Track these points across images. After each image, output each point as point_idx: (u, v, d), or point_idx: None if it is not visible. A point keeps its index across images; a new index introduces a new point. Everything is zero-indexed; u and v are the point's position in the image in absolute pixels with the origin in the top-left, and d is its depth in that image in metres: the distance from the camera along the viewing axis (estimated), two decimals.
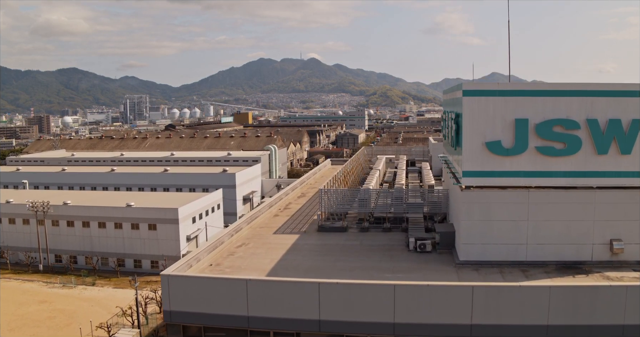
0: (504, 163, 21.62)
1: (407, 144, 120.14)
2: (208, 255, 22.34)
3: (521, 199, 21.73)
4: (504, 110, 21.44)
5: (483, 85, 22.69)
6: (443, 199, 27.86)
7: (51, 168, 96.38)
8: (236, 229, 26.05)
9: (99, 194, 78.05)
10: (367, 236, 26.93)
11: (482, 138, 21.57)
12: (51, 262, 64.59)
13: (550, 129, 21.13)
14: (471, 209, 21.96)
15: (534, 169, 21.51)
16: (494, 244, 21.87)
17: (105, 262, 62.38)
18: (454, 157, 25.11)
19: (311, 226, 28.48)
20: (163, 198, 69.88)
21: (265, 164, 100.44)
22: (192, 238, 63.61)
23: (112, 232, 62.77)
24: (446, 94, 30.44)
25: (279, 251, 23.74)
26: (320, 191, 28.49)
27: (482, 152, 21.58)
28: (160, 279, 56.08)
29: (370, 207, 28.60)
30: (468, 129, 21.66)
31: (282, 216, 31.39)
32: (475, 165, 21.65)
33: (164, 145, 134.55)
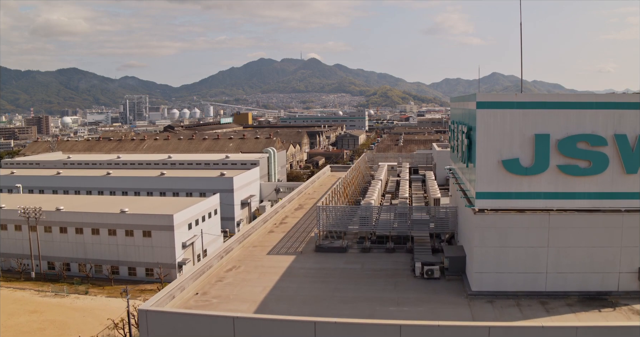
0: (522, 183, 19.59)
1: (408, 146, 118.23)
2: (194, 282, 20.29)
3: (541, 223, 19.65)
4: (522, 124, 19.39)
5: (499, 96, 20.57)
6: (451, 217, 25.75)
7: (46, 171, 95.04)
8: (226, 249, 24.03)
9: (94, 198, 76.69)
10: (369, 258, 24.82)
11: (498, 156, 19.52)
12: (44, 269, 63.50)
13: (574, 145, 19.10)
14: (485, 234, 19.89)
15: (555, 190, 19.48)
16: (510, 273, 19.83)
17: (99, 270, 61.19)
18: (465, 175, 23.11)
19: (308, 245, 26.41)
20: (159, 203, 68.50)
21: (264, 167, 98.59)
22: (188, 245, 62.12)
23: (105, 239, 61.62)
24: (455, 103, 28.20)
25: (273, 276, 21.69)
26: (318, 208, 26.44)
27: (497, 172, 19.55)
28: (155, 287, 54.36)
29: (371, 225, 26.58)
30: (482, 146, 19.63)
31: (278, 232, 29.28)
32: (490, 186, 19.62)
33: (162, 147, 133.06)
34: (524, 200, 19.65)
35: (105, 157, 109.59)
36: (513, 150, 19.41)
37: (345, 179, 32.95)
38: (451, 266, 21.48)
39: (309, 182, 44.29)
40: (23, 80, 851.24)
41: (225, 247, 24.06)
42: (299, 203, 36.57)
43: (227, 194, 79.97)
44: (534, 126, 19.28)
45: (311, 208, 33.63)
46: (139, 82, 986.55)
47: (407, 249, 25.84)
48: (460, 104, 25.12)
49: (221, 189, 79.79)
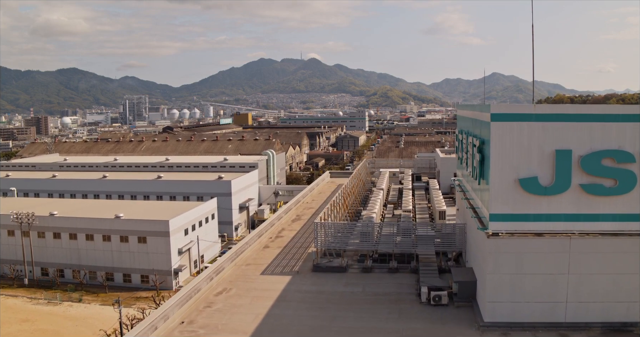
0: (540, 204, 17.79)
1: (409, 148, 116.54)
2: (180, 309, 18.55)
3: (561, 247, 17.87)
4: (542, 139, 17.60)
5: (516, 107, 19.11)
6: (458, 234, 23.96)
7: (42, 174, 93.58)
8: (217, 269, 22.26)
9: (89, 202, 75.46)
10: (371, 279, 22.96)
11: (514, 173, 17.74)
12: (37, 275, 62.38)
13: (598, 162, 17.34)
14: (499, 260, 18.13)
15: (577, 212, 17.72)
16: (527, 302, 18.06)
17: (94, 276, 60.06)
18: (476, 192, 21.29)
19: (305, 263, 24.60)
20: (155, 208, 67.17)
21: (263, 170, 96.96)
22: (185, 251, 60.70)
23: (100, 244, 60.45)
24: (463, 110, 26.16)
25: (266, 301, 19.89)
26: (315, 225, 24.52)
27: (514, 191, 17.77)
28: (150, 295, 52.73)
29: (373, 243, 24.70)
30: (497, 162, 17.86)
31: (273, 247, 27.46)
32: (506, 207, 17.84)
33: (160, 149, 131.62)
34: (542, 222, 17.87)
35: (102, 159, 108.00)
36: (531, 168, 17.66)
37: (345, 188, 31.10)
38: (460, 291, 19.72)
39: (307, 190, 42.50)
40: (23, 80, 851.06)
41: (216, 267, 22.29)
42: (296, 214, 34.78)
43: (225, 198, 78.52)
44: (554, 141, 17.52)
45: (309, 219, 31.79)
46: (139, 82, 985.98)
47: (412, 268, 24.03)
48: (470, 112, 23.23)
49: (219, 193, 78.45)
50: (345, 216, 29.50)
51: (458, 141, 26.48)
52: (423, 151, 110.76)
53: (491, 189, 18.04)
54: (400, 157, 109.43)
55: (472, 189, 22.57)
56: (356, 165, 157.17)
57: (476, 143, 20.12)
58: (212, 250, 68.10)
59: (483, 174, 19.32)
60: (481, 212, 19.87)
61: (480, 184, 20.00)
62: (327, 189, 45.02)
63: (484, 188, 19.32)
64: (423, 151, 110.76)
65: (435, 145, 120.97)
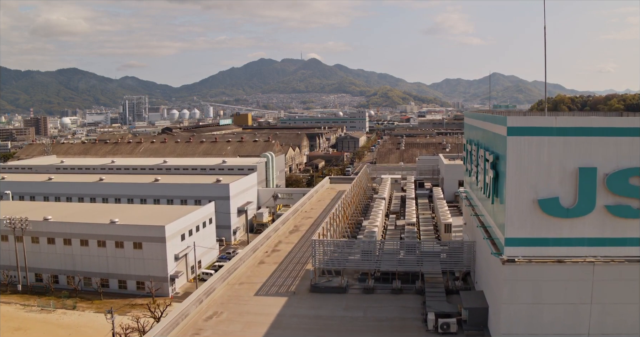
0: (562, 227, 16.19)
1: (410, 150, 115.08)
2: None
3: (583, 275, 16.27)
4: (563, 155, 16.01)
5: (535, 120, 16.65)
6: (467, 252, 22.37)
7: (38, 177, 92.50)
8: (208, 290, 20.67)
9: (84, 206, 74.24)
10: (372, 301, 21.26)
11: (533, 193, 16.13)
12: (31, 281, 61.36)
13: (626, 181, 15.74)
14: (516, 288, 16.51)
15: (602, 236, 16.13)
16: (546, 335, 16.52)
17: (88, 283, 58.96)
18: (489, 211, 19.54)
19: (303, 282, 22.96)
20: (151, 212, 65.96)
21: (262, 173, 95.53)
22: (181, 257, 59.41)
23: (95, 250, 59.36)
24: (473, 119, 24.21)
25: (259, 328, 18.31)
26: (313, 243, 22.85)
27: (532, 213, 16.15)
28: (146, 302, 51.36)
29: (375, 262, 22.96)
30: (514, 181, 16.24)
31: (269, 263, 25.85)
32: (523, 231, 16.20)
33: (159, 151, 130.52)
34: (563, 247, 16.24)
35: (99, 161, 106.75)
36: (551, 187, 16.03)
37: (345, 198, 29.51)
38: (471, 318, 18.11)
39: (306, 198, 40.92)
40: (23, 81, 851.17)
41: (207, 287, 20.71)
42: (294, 224, 33.16)
43: (223, 202, 77.28)
44: (577, 157, 15.88)
45: (308, 231, 30.22)
46: (139, 82, 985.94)
47: (417, 289, 22.31)
48: (481, 122, 21.36)
49: (217, 196, 77.31)
50: (345, 227, 27.86)
51: (466, 152, 24.66)
52: (424, 153, 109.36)
53: (507, 210, 16.40)
54: (401, 159, 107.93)
55: (482, 206, 20.92)
56: (356, 167, 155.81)
57: (489, 158, 18.39)
58: (209, 255, 66.79)
59: (497, 192, 17.68)
60: (494, 233, 18.17)
61: (493, 203, 18.34)
62: (327, 196, 43.41)
63: (498, 208, 17.65)
64: (424, 153, 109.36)
65: (436, 147, 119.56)
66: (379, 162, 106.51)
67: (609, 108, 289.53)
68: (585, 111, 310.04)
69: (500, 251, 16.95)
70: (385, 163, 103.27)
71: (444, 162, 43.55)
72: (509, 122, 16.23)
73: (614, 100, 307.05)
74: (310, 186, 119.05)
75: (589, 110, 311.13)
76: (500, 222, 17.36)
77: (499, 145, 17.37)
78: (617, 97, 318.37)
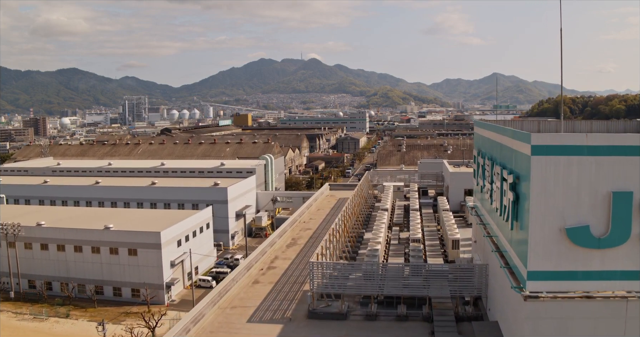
0: (592, 259, 14.47)
1: (411, 152, 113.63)
2: None
3: (616, 312, 14.59)
4: (595, 177, 14.23)
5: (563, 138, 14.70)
6: (478, 275, 20.62)
7: (33, 179, 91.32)
8: (195, 318, 19.07)
9: (79, 211, 73.04)
10: (376, 331, 19.49)
11: (560, 221, 14.39)
12: (24, 288, 60.19)
13: None
14: (539, 327, 14.76)
15: (636, 268, 14.39)
16: None
17: (82, 290, 57.64)
18: (507, 236, 17.53)
19: (300, 306, 21.23)
20: (147, 217, 64.71)
21: (261, 175, 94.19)
22: (177, 264, 58.12)
23: (89, 256, 58.19)
24: (485, 130, 21.94)
25: None
26: (311, 265, 21.15)
27: (559, 243, 14.40)
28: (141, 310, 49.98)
29: (378, 285, 21.17)
30: (539, 207, 14.43)
31: (264, 282, 24.27)
32: (548, 263, 14.46)
33: (157, 152, 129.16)
34: (593, 281, 14.53)
35: (96, 163, 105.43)
36: (581, 214, 14.27)
37: (346, 210, 27.95)
38: None
39: (304, 207, 39.38)
40: (23, 81, 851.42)
41: (195, 314, 19.09)
42: (292, 237, 31.58)
43: (221, 205, 76.10)
44: (611, 180, 14.10)
45: (306, 244, 28.69)
46: (139, 83, 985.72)
47: (424, 316, 20.57)
48: (496, 135, 19.23)
49: (215, 200, 76.16)
50: (346, 242, 26.31)
51: (477, 164, 22.87)
52: (426, 155, 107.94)
53: (530, 239, 14.53)
54: (403, 161, 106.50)
55: (498, 228, 18.92)
56: (357, 168, 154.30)
57: (508, 178, 16.41)
58: (207, 261, 65.50)
59: (518, 217, 15.80)
60: (513, 262, 16.28)
61: (513, 228, 16.35)
62: (327, 204, 41.84)
63: (518, 236, 15.77)
64: (426, 155, 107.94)
65: (437, 148, 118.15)
66: (380, 164, 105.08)
67: (610, 109, 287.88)
68: (587, 112, 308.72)
69: (521, 284, 15.11)
70: (386, 165, 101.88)
71: (449, 170, 41.48)
72: (534, 140, 14.32)
73: (615, 100, 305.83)
74: (310, 188, 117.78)
75: (590, 110, 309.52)
76: (521, 251, 15.52)
77: (521, 164, 15.51)
78: (618, 97, 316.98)
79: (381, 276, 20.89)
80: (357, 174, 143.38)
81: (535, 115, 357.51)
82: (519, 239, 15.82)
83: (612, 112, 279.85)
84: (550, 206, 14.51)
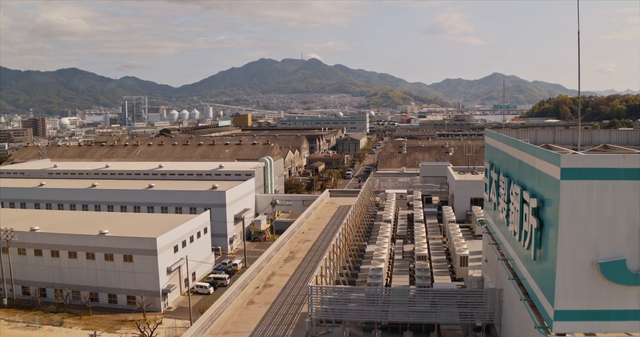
0: (628, 297, 12.78)
1: (412, 154, 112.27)
2: None
3: None
4: (633, 205, 12.52)
5: (596, 160, 12.90)
6: (492, 303, 18.95)
7: (29, 182, 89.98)
8: None
9: (75, 215, 71.86)
10: None
11: (592, 254, 12.72)
12: (17, 295, 58.88)
13: None
14: None
15: None
16: None
17: (77, 296, 56.30)
18: (530, 269, 15.52)
19: (297, 332, 19.66)
20: (143, 222, 63.44)
21: (260, 178, 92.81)
22: (174, 270, 56.80)
23: (83, 263, 57.01)
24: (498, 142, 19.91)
25: None
26: (309, 290, 19.57)
27: (591, 279, 12.76)
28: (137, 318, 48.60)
29: (381, 311, 19.65)
30: (569, 238, 12.75)
31: (259, 303, 22.71)
32: (579, 302, 12.85)
33: (156, 154, 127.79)
34: (629, 322, 12.86)
35: (93, 165, 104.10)
36: (616, 246, 12.61)
37: (347, 223, 26.37)
38: None
39: (303, 217, 37.90)
40: (23, 81, 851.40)
41: None
42: (290, 250, 30.07)
43: (219, 209, 74.84)
44: None
45: (305, 258, 27.19)
46: (139, 83, 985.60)
47: None
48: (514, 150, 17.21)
49: (213, 204, 74.97)
50: (347, 257, 24.81)
51: (489, 178, 21.15)
52: (427, 157, 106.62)
53: (558, 275, 12.78)
54: (404, 163, 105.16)
55: (515, 252, 17.08)
56: (357, 170, 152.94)
57: (530, 202, 14.55)
58: (204, 266, 64.20)
59: (542, 245, 14.15)
60: (535, 296, 14.51)
61: (535, 259, 14.59)
62: (327, 212, 40.31)
63: (543, 268, 14.08)
64: (427, 157, 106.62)
65: (439, 150, 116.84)
66: (381, 166, 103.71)
67: (611, 109, 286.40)
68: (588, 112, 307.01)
69: (546, 324, 13.43)
70: (387, 167, 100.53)
71: (454, 177, 39.42)
72: (564, 162, 12.54)
73: (616, 101, 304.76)
74: (310, 190, 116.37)
75: (591, 111, 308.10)
76: (546, 286, 13.83)
77: (546, 187, 13.82)
78: (619, 97, 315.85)
79: (385, 300, 19.36)
80: (358, 175, 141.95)
81: (536, 116, 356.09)
82: (543, 271, 14.10)
83: (613, 113, 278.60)
84: (581, 237, 12.82)
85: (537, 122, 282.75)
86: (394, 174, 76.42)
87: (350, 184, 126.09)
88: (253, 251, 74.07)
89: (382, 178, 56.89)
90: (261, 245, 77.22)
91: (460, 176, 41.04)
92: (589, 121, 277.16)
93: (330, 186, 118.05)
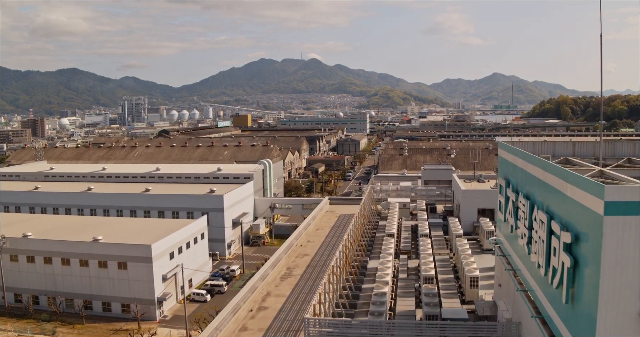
0: None
1: (413, 156, 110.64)
2: None
3: None
4: None
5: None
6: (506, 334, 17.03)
7: (24, 185, 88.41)
8: None
9: (70, 219, 70.16)
10: None
11: (636, 303, 10.95)
12: (9, 302, 57.24)
13: None
14: None
15: None
16: None
17: (70, 304, 54.68)
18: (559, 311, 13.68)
19: None
20: (139, 227, 61.81)
21: (259, 181, 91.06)
22: (170, 278, 55.16)
23: (77, 270, 55.49)
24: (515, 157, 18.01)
25: None
26: (306, 323, 17.99)
27: (635, 332, 11.02)
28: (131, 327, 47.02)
29: None
30: (613, 283, 10.97)
31: (253, 329, 20.94)
32: None
33: (154, 156, 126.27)
34: None
35: (90, 168, 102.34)
36: None
37: (348, 239, 24.73)
38: None
39: (302, 228, 36.24)
40: (23, 81, 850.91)
41: None
42: (287, 266, 28.36)
43: (216, 214, 73.18)
44: None
45: (303, 275, 25.49)
46: (139, 83, 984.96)
47: None
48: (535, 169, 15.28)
49: (210, 208, 73.27)
50: (348, 274, 23.21)
51: (504, 196, 19.21)
52: (429, 160, 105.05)
53: (599, 326, 10.97)
54: (405, 166, 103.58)
55: (538, 285, 15.14)
56: (357, 171, 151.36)
57: (562, 236, 12.59)
58: (201, 273, 62.57)
59: (575, 284, 12.41)
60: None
61: (568, 301, 12.74)
62: (326, 222, 38.58)
63: (577, 313, 12.40)
64: (429, 160, 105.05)
65: (440, 152, 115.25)
66: (382, 169, 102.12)
67: (612, 109, 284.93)
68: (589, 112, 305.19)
69: None
70: (388, 170, 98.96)
71: (460, 186, 37.19)
72: (609, 195, 10.54)
73: (617, 101, 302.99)
74: (310, 193, 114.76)
75: (592, 111, 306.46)
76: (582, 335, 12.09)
77: (584, 221, 11.90)
78: (620, 98, 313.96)
79: (389, 335, 17.61)
80: (358, 177, 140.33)
81: (537, 116, 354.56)
82: (578, 317, 12.39)
83: (614, 113, 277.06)
84: (625, 282, 10.96)
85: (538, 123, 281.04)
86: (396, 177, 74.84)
87: (351, 186, 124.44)
88: (252, 256, 72.47)
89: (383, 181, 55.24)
90: (260, 250, 75.60)
91: (467, 184, 39.23)
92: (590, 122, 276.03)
93: (331, 188, 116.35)
